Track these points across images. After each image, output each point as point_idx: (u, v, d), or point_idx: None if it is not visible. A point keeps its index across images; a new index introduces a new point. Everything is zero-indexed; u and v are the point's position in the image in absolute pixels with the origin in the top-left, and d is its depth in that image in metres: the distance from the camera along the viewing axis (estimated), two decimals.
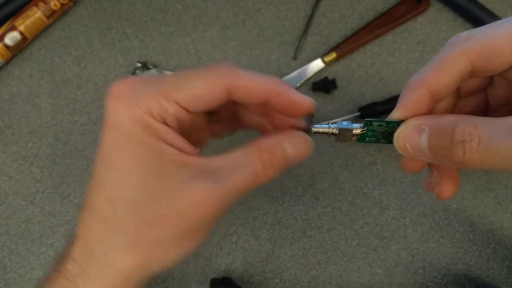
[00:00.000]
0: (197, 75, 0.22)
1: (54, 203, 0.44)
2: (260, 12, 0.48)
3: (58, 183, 0.44)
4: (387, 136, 0.24)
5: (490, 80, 0.24)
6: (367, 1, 0.48)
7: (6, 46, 0.44)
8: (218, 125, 0.30)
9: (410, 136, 0.22)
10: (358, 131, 0.25)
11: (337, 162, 0.45)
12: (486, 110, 0.26)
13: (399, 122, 0.24)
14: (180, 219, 0.22)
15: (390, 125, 0.24)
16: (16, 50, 0.45)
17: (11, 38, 0.44)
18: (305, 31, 0.47)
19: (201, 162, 0.23)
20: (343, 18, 0.48)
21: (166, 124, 0.22)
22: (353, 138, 0.25)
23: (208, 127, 0.29)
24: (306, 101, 0.24)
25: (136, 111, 0.21)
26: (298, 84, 0.45)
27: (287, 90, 0.23)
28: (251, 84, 0.23)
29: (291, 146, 0.24)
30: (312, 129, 0.24)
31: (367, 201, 0.44)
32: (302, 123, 0.25)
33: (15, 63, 0.46)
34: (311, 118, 0.27)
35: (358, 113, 0.44)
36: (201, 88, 0.22)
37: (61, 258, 0.24)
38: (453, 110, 0.26)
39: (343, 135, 0.25)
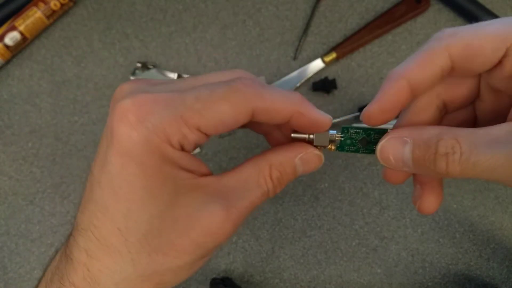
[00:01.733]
0: (220, 98, 0.20)
1: (54, 203, 0.44)
2: (260, 12, 0.48)
3: (58, 183, 0.44)
4: (366, 145, 0.24)
5: (478, 93, 0.24)
6: (367, 1, 0.48)
7: (6, 46, 0.44)
8: None
9: (393, 148, 0.22)
10: (334, 137, 0.24)
11: (337, 162, 0.45)
12: (474, 124, 0.26)
13: (376, 130, 0.23)
14: (195, 247, 0.21)
15: (367, 133, 0.24)
16: (16, 50, 0.45)
17: (11, 38, 0.44)
18: (305, 31, 0.47)
19: (213, 183, 0.22)
20: (343, 18, 0.48)
21: (183, 150, 0.21)
22: (332, 147, 0.24)
23: None
24: (326, 119, 0.23)
25: (153, 139, 0.20)
26: (298, 84, 0.45)
27: (309, 110, 0.22)
28: (275, 107, 0.21)
29: (303, 163, 0.24)
30: (291, 135, 0.24)
31: (367, 201, 0.44)
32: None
33: (15, 63, 0.46)
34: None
35: (358, 113, 0.44)
36: (226, 113, 0.20)
37: (57, 280, 0.23)
38: (439, 124, 0.25)
39: (320, 140, 0.24)
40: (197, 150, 0.44)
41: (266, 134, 0.27)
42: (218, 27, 0.47)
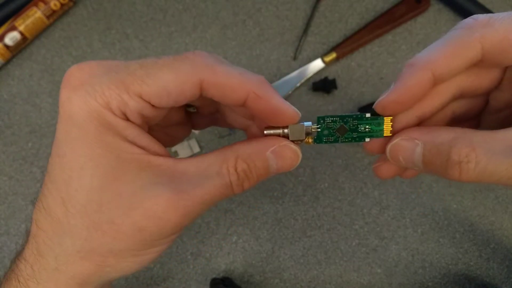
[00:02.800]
0: (165, 65, 0.19)
1: None
2: (260, 12, 0.48)
3: None
4: (345, 133, 0.23)
5: (499, 83, 0.23)
6: (367, 1, 0.48)
7: (6, 46, 0.44)
8: (200, 118, 0.27)
9: (404, 150, 0.22)
10: (310, 129, 0.23)
11: (337, 162, 0.45)
12: (483, 109, 0.25)
13: (354, 117, 0.23)
14: (136, 230, 0.19)
15: (345, 120, 0.23)
16: (16, 50, 0.45)
17: (11, 38, 0.44)
18: (305, 31, 0.47)
19: (167, 164, 0.20)
20: (343, 18, 0.48)
21: (127, 120, 0.20)
22: (310, 140, 0.23)
23: (189, 120, 0.26)
24: (289, 110, 0.21)
25: (91, 103, 0.19)
26: (298, 84, 0.45)
27: (268, 94, 0.20)
28: (227, 82, 0.20)
29: (276, 157, 0.22)
30: (264, 131, 0.22)
31: (367, 201, 0.44)
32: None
33: (15, 63, 0.46)
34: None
35: (358, 113, 0.44)
36: (169, 81, 0.19)
37: (17, 255, 0.23)
38: (446, 107, 0.24)
39: (295, 133, 0.22)
40: (197, 149, 0.44)
41: (245, 129, 0.26)
42: (218, 27, 0.47)
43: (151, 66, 0.19)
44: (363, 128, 0.23)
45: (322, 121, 0.23)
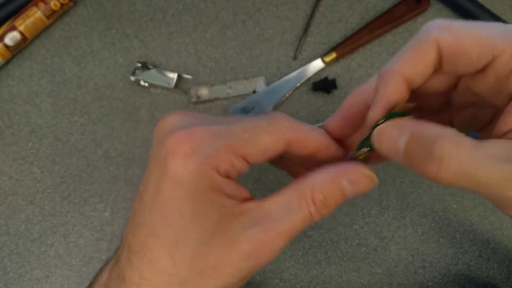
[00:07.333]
0: (263, 129, 0.23)
1: (54, 203, 0.44)
2: (260, 12, 0.48)
3: (58, 183, 0.44)
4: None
5: (455, 85, 0.24)
6: (367, 1, 0.48)
7: (6, 46, 0.44)
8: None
9: (390, 134, 0.22)
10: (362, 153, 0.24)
11: None
12: (446, 107, 0.25)
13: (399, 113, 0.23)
14: (236, 271, 0.22)
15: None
16: (16, 50, 0.45)
17: (11, 38, 0.44)
18: (305, 31, 0.47)
19: (254, 208, 0.23)
20: (343, 18, 0.48)
21: (229, 177, 0.22)
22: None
23: None
24: (340, 152, 0.26)
25: (204, 168, 0.21)
26: (298, 84, 0.45)
27: (332, 144, 0.25)
28: (307, 138, 0.24)
29: (351, 184, 0.23)
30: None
31: (367, 201, 0.44)
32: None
33: (15, 63, 0.46)
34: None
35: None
36: (268, 142, 0.23)
37: None
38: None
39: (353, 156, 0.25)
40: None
41: (288, 171, 0.28)
42: (218, 27, 0.47)
43: (253, 129, 0.22)
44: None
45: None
